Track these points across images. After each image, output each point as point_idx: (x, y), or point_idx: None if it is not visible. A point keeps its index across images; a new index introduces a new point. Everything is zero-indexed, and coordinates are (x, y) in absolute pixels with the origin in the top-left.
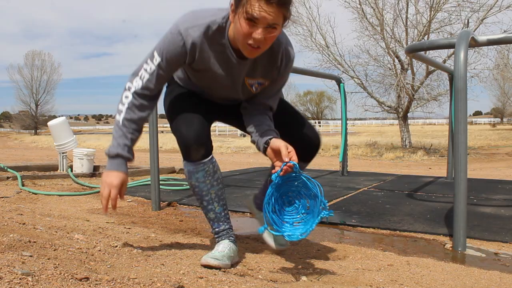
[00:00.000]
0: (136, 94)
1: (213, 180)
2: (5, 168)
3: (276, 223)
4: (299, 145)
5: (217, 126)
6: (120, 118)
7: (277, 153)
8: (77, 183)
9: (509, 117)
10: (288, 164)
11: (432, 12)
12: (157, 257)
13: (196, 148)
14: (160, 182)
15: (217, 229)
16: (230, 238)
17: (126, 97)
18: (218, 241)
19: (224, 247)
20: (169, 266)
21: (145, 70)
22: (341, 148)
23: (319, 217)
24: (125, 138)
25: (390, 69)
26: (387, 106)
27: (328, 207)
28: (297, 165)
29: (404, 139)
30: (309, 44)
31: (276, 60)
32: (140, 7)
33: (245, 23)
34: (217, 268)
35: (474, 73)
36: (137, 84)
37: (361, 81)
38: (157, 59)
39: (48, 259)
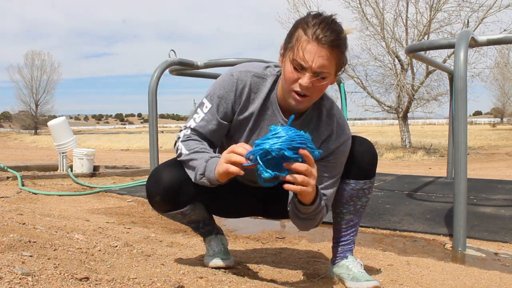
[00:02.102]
0: (184, 136)
1: (182, 220)
2: (5, 168)
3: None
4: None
5: None
6: (184, 156)
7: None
8: (77, 183)
9: (509, 117)
10: None
11: (432, 12)
12: (157, 257)
13: (160, 202)
14: None
15: (198, 232)
16: (214, 230)
17: (177, 147)
18: (206, 238)
19: (218, 244)
20: (169, 266)
21: (194, 119)
22: None
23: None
24: (204, 155)
25: (390, 69)
26: (387, 106)
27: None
28: None
29: (404, 139)
30: None
31: (323, 132)
32: (140, 7)
33: (292, 67)
34: (228, 268)
35: (475, 73)
36: (182, 133)
37: (361, 81)
38: (207, 106)
39: (48, 259)
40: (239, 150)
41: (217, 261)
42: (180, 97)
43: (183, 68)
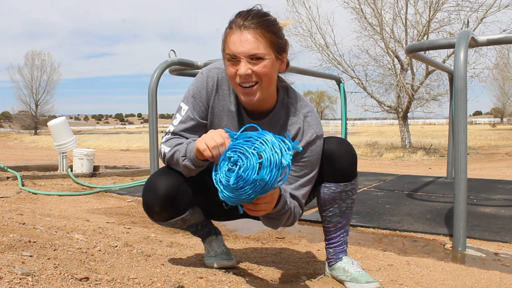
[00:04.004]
0: (165, 139)
1: (183, 226)
2: (5, 168)
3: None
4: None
5: None
6: (168, 154)
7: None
8: (77, 183)
9: (509, 117)
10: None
11: (432, 12)
12: (157, 257)
13: (160, 211)
14: None
15: (197, 235)
16: (213, 230)
17: (162, 150)
18: (206, 239)
19: (219, 245)
20: (169, 266)
21: (172, 124)
22: None
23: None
24: (184, 144)
25: (390, 69)
26: (387, 106)
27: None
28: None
29: (404, 139)
30: (309, 44)
31: (290, 130)
32: (140, 7)
33: (229, 63)
34: (232, 267)
35: (474, 73)
36: (164, 138)
37: (361, 81)
38: (184, 108)
39: (48, 259)
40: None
41: (222, 262)
42: (180, 97)
43: (183, 68)
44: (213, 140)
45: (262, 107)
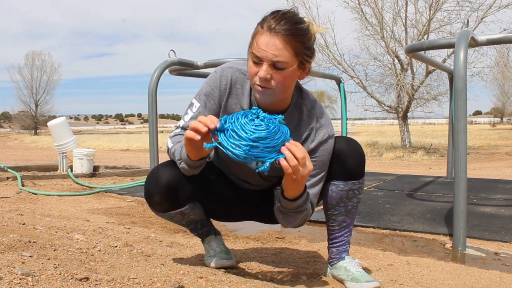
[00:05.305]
0: (173, 133)
1: (182, 220)
2: (5, 168)
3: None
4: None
5: None
6: (171, 150)
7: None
8: (77, 183)
9: (509, 116)
10: None
11: (432, 11)
12: (157, 257)
13: (160, 201)
14: None
15: (196, 233)
16: (213, 231)
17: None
18: (206, 239)
19: (219, 244)
20: (169, 266)
21: (183, 119)
22: None
23: None
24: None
25: (390, 69)
26: (387, 106)
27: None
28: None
29: (404, 139)
30: None
31: (303, 131)
32: (140, 7)
33: (252, 61)
34: (232, 267)
35: (474, 72)
36: (173, 133)
37: (360, 81)
38: (196, 105)
39: (48, 259)
40: (204, 120)
41: (221, 261)
42: (180, 97)
43: (183, 68)
44: (197, 123)
45: (276, 108)
